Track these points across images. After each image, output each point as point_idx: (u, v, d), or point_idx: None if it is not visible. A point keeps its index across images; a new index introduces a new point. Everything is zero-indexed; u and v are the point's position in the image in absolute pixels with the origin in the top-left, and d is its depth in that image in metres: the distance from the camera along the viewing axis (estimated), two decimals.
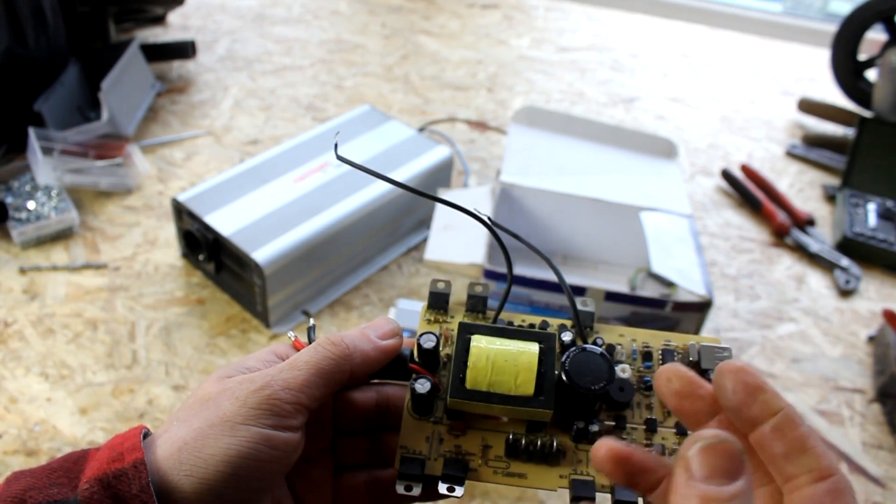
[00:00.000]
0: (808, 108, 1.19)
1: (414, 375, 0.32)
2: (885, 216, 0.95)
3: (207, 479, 0.27)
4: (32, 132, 0.85)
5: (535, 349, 0.31)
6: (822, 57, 1.32)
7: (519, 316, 0.35)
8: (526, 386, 0.30)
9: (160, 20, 1.27)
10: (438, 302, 0.35)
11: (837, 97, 1.20)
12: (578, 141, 0.91)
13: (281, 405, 0.29)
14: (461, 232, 0.74)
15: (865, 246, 0.90)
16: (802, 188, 1.05)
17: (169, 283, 0.77)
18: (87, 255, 0.80)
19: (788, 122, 1.20)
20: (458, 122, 1.10)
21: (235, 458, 0.27)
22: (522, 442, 0.31)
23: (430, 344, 0.32)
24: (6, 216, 0.81)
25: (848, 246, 0.91)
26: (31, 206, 0.82)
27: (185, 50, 1.11)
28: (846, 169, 1.02)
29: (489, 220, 0.33)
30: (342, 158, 0.31)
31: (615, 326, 0.35)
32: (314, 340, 0.32)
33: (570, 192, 0.80)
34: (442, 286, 0.35)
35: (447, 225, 0.75)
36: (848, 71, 1.17)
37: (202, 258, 0.75)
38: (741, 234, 0.95)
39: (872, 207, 0.96)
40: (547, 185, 0.81)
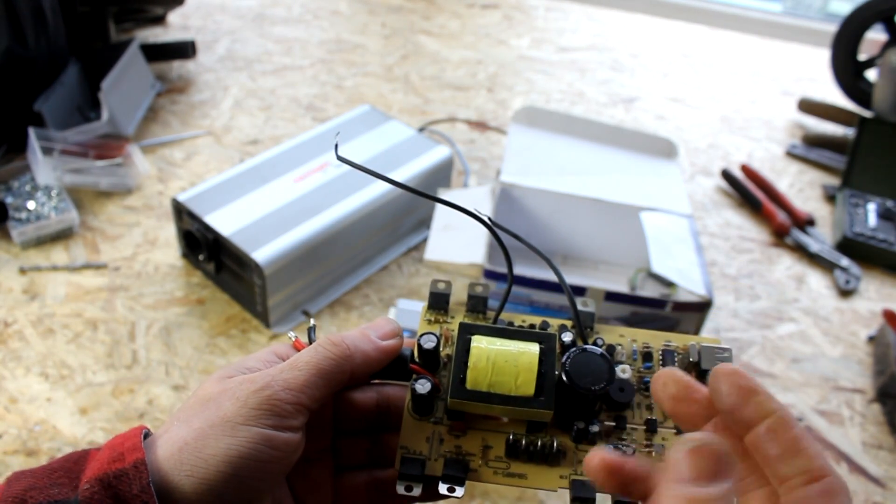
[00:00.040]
0: (808, 108, 1.19)
1: (414, 376, 0.32)
2: (885, 216, 0.95)
3: (208, 479, 0.27)
4: (32, 132, 0.85)
5: (535, 350, 0.31)
6: (822, 57, 1.32)
7: (519, 316, 0.35)
8: (526, 386, 0.30)
9: (160, 20, 1.27)
10: (439, 302, 0.35)
11: (837, 97, 1.20)
12: (578, 141, 0.91)
13: (281, 405, 0.29)
14: (461, 232, 0.74)
15: (865, 246, 0.91)
16: (802, 188, 1.05)
17: (169, 283, 0.77)
18: (87, 255, 0.80)
19: (788, 122, 1.20)
20: (458, 122, 1.10)
21: (236, 458, 0.27)
22: (523, 442, 0.31)
23: (430, 344, 0.32)
24: (6, 216, 0.81)
25: (848, 246, 0.91)
26: (31, 206, 0.82)
27: (185, 50, 1.11)
28: (846, 169, 1.02)
29: (489, 220, 0.33)
30: (342, 159, 0.31)
31: (615, 327, 0.35)
32: (314, 341, 0.32)
33: (570, 192, 0.80)
34: (442, 286, 0.35)
35: (447, 225, 0.75)
36: (848, 71, 1.17)
37: (202, 258, 0.75)
38: (741, 234, 0.95)
39: (872, 207, 0.96)
40: (547, 185, 0.81)
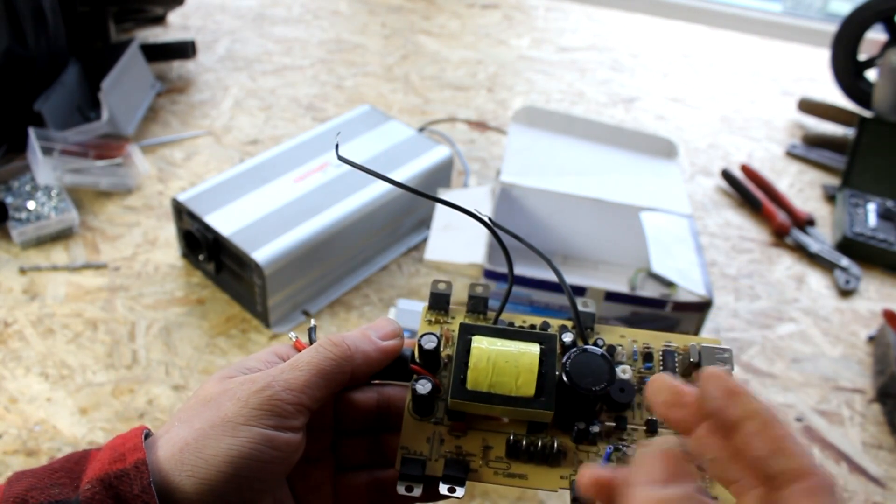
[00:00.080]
0: (808, 108, 1.19)
1: (415, 376, 0.32)
2: (885, 216, 0.95)
3: (209, 479, 0.27)
4: (32, 132, 0.85)
5: (535, 350, 0.31)
6: (822, 57, 1.32)
7: (520, 317, 0.35)
8: (527, 387, 0.30)
9: (160, 20, 1.27)
10: (439, 303, 0.35)
11: (837, 97, 1.20)
12: (578, 141, 0.91)
13: (282, 406, 0.29)
14: (461, 232, 0.74)
15: (865, 246, 0.91)
16: (802, 188, 1.05)
17: (169, 283, 0.77)
18: (87, 255, 0.80)
19: (788, 122, 1.20)
20: (458, 122, 1.10)
21: (237, 458, 0.27)
22: (523, 443, 0.31)
23: (431, 345, 0.32)
24: (6, 216, 0.81)
25: (848, 246, 0.91)
26: (31, 206, 0.82)
27: (185, 50, 1.11)
28: (846, 169, 1.02)
29: (489, 220, 0.33)
30: (343, 159, 0.31)
31: (616, 327, 0.35)
32: (315, 341, 0.32)
33: (570, 192, 0.80)
34: (443, 287, 0.35)
35: (447, 225, 0.75)
36: (848, 71, 1.17)
37: (202, 258, 0.75)
38: (741, 234, 0.95)
39: (872, 207, 0.96)
40: (547, 185, 0.81)
